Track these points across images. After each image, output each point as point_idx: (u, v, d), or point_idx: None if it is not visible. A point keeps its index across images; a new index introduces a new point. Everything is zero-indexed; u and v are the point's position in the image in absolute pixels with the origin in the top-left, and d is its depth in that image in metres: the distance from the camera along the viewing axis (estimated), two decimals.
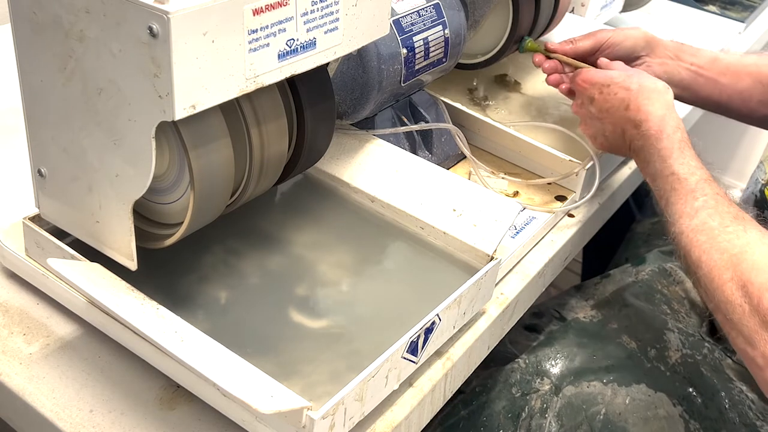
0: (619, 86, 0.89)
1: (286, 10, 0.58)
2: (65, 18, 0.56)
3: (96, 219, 0.64)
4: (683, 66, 1.01)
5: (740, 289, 0.69)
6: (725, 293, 0.70)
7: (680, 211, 0.78)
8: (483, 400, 0.91)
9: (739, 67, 1.01)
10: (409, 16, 0.86)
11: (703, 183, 0.79)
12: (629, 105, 0.87)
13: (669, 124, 0.84)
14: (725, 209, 0.75)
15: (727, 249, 0.72)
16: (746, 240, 0.72)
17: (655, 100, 0.86)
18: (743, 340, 0.69)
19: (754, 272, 0.69)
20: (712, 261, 0.72)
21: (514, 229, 0.88)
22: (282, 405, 0.54)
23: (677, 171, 0.80)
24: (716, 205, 0.76)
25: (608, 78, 0.91)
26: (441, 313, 0.68)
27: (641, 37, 1.01)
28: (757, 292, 0.68)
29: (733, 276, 0.70)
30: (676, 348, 0.98)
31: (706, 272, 0.73)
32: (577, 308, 1.05)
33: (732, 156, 2.26)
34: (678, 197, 0.79)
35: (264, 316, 0.70)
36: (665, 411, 0.92)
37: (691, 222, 0.76)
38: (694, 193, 0.78)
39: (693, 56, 1.02)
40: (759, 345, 0.68)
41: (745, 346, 0.69)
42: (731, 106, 1.02)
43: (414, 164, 0.84)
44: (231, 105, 0.64)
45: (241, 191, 0.69)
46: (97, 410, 0.64)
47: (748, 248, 0.71)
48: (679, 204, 0.78)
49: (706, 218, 0.75)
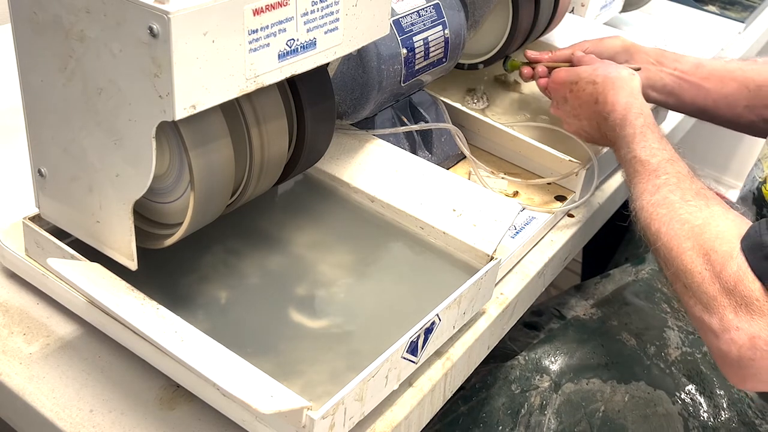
0: (586, 81, 0.91)
1: (286, 10, 0.58)
2: (65, 18, 0.56)
3: (96, 219, 0.64)
4: (666, 71, 1.02)
5: (701, 257, 0.71)
6: (684, 261, 0.72)
7: (641, 189, 0.80)
8: (482, 396, 0.91)
9: (724, 72, 1.02)
10: (409, 16, 0.86)
11: (665, 163, 0.80)
12: (597, 98, 0.90)
13: (632, 110, 0.86)
14: (687, 186, 0.77)
15: (689, 220, 0.74)
16: (709, 213, 0.74)
17: (620, 89, 0.88)
18: (701, 308, 0.71)
19: (718, 241, 0.70)
20: (672, 231, 0.74)
21: (513, 229, 0.88)
22: (282, 405, 0.54)
23: (639, 154, 0.82)
24: (677, 182, 0.78)
25: (575, 75, 0.93)
26: (441, 313, 0.68)
27: (620, 45, 1.04)
28: (721, 260, 0.69)
29: (693, 245, 0.72)
30: (676, 346, 0.98)
31: (665, 242, 0.74)
32: (577, 307, 1.05)
33: (731, 156, 2.26)
34: (640, 178, 0.81)
35: (264, 316, 0.70)
36: (664, 408, 0.92)
37: (652, 198, 0.78)
38: (656, 172, 0.80)
39: (676, 62, 1.03)
40: (717, 311, 0.69)
41: (701, 313, 0.71)
42: (717, 112, 1.03)
43: (414, 164, 0.84)
44: (231, 105, 0.64)
45: (241, 191, 0.69)
46: (97, 410, 0.64)
47: (712, 220, 0.73)
48: (641, 183, 0.80)
49: (667, 193, 0.77)
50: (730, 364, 0.69)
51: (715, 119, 1.05)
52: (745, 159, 2.22)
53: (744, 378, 0.70)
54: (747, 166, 2.13)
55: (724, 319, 0.69)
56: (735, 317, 0.68)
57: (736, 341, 0.68)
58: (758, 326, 0.67)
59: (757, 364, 0.68)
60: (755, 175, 0.97)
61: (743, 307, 0.68)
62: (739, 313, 0.68)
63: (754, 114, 1.02)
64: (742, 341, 0.67)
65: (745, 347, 0.67)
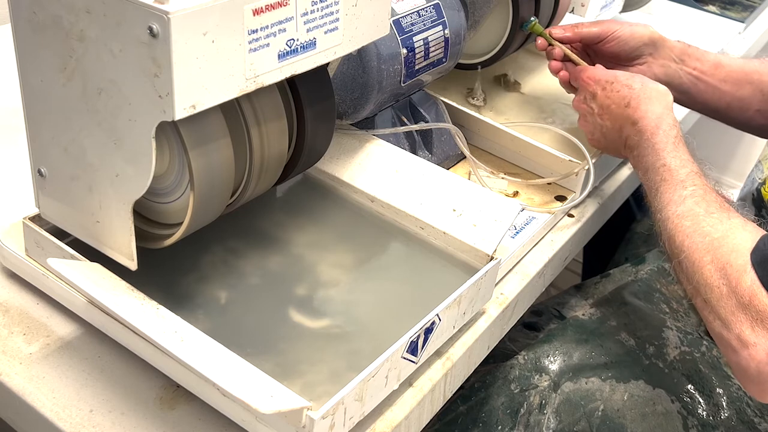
0: (622, 84, 0.90)
1: (286, 10, 0.58)
2: (65, 18, 0.56)
3: (96, 219, 0.64)
4: (685, 71, 1.02)
5: (719, 271, 0.71)
6: (704, 275, 0.72)
7: (668, 199, 0.80)
8: (482, 395, 0.91)
9: (741, 74, 1.02)
10: (409, 16, 0.86)
11: (693, 175, 0.80)
12: (630, 102, 0.88)
13: (665, 121, 0.85)
14: (712, 198, 0.77)
15: (710, 233, 0.73)
16: (729, 225, 0.73)
17: (655, 100, 0.87)
18: (720, 323, 0.70)
19: (734, 255, 0.70)
20: (694, 244, 0.74)
21: (513, 229, 0.88)
22: (282, 405, 0.54)
23: (669, 163, 0.82)
24: (704, 194, 0.78)
25: (612, 76, 0.92)
26: (441, 313, 0.68)
27: (647, 35, 1.02)
28: (736, 275, 0.69)
29: (713, 259, 0.72)
30: (675, 345, 0.99)
31: (688, 255, 0.74)
32: (577, 307, 1.05)
33: (732, 156, 2.26)
34: (667, 187, 0.81)
35: (264, 316, 0.70)
36: (663, 407, 0.92)
37: (678, 208, 0.78)
38: (683, 183, 0.79)
39: (697, 60, 1.02)
40: (735, 327, 0.69)
41: (721, 330, 0.71)
42: (730, 113, 1.03)
43: (414, 164, 0.84)
44: (231, 105, 0.64)
45: (241, 191, 0.69)
46: (97, 410, 0.64)
47: (730, 233, 0.72)
48: (668, 193, 0.80)
49: (693, 205, 0.77)
50: (751, 380, 0.69)
51: (727, 120, 1.05)
52: (745, 159, 2.21)
53: (764, 392, 0.70)
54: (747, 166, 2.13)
55: (742, 335, 0.68)
56: (752, 333, 0.68)
57: (755, 357, 0.67)
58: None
59: None
60: (755, 176, 0.97)
61: (759, 322, 0.67)
62: (756, 328, 0.67)
63: (765, 117, 1.02)
64: (761, 357, 0.67)
65: (764, 363, 0.67)
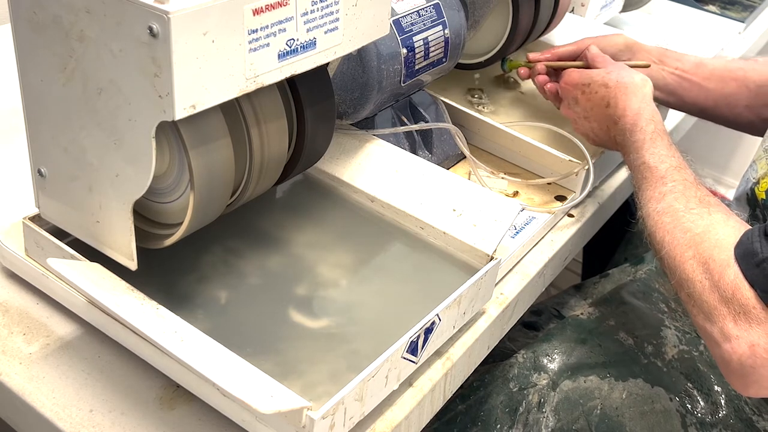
0: (599, 84, 0.91)
1: (286, 10, 0.58)
2: (65, 18, 0.56)
3: (96, 219, 0.64)
4: (667, 71, 1.02)
5: (701, 266, 0.71)
6: (686, 270, 0.73)
7: (648, 196, 0.80)
8: (481, 394, 0.91)
9: (725, 72, 1.02)
10: (409, 16, 0.86)
11: (672, 170, 0.81)
12: (609, 102, 0.90)
13: (643, 117, 0.86)
14: (692, 193, 0.78)
15: (691, 228, 0.74)
16: (710, 221, 0.74)
17: (632, 95, 0.88)
18: (703, 317, 0.71)
19: (716, 250, 0.71)
20: (675, 240, 0.75)
21: (513, 229, 0.88)
22: (282, 405, 0.54)
23: (648, 160, 0.82)
24: (683, 189, 0.78)
25: (588, 77, 0.93)
26: (441, 313, 0.68)
27: (622, 42, 1.04)
28: (718, 269, 0.70)
29: (695, 254, 0.72)
30: (673, 344, 0.99)
31: (669, 251, 0.75)
32: (576, 307, 1.05)
33: (731, 156, 2.26)
34: (648, 184, 0.81)
35: (264, 316, 0.70)
36: (662, 405, 0.92)
37: (658, 205, 0.78)
38: (663, 179, 0.80)
39: (677, 61, 1.03)
40: (717, 320, 0.69)
41: (704, 323, 0.71)
42: (717, 111, 1.03)
43: (414, 164, 0.84)
44: (231, 105, 0.64)
45: (241, 191, 0.69)
46: (97, 410, 0.64)
47: (712, 228, 0.73)
48: (648, 190, 0.81)
49: (672, 201, 0.78)
50: (733, 373, 0.70)
51: (716, 119, 1.05)
52: (744, 159, 2.22)
53: (747, 385, 0.70)
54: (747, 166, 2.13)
55: (724, 328, 0.69)
56: (734, 326, 0.68)
57: (737, 350, 0.68)
58: (756, 334, 0.67)
59: (758, 371, 0.68)
60: (749, 176, 0.97)
61: (741, 315, 0.68)
62: (738, 321, 0.68)
63: (753, 113, 1.02)
64: (742, 350, 0.68)
65: (746, 356, 0.68)
